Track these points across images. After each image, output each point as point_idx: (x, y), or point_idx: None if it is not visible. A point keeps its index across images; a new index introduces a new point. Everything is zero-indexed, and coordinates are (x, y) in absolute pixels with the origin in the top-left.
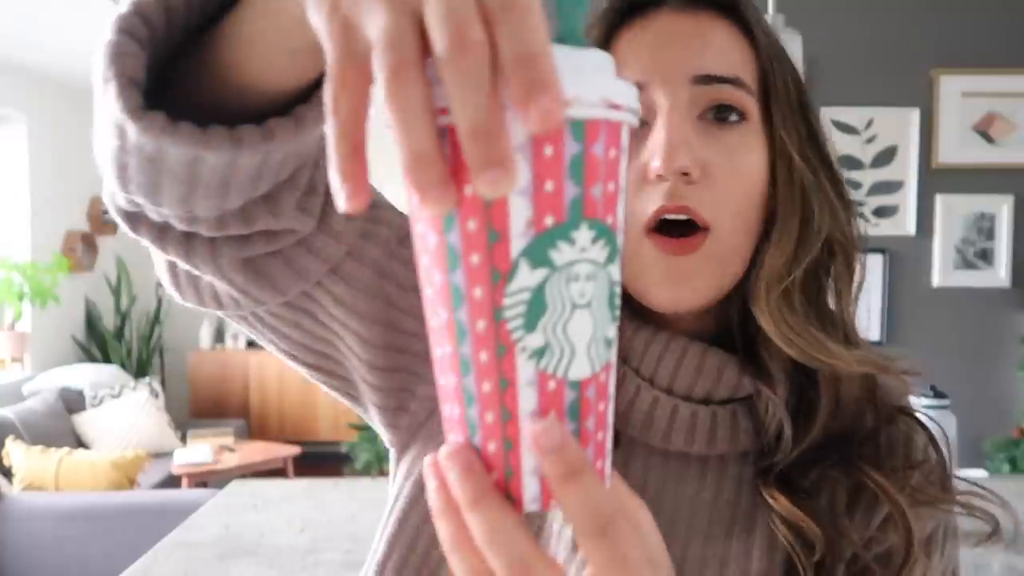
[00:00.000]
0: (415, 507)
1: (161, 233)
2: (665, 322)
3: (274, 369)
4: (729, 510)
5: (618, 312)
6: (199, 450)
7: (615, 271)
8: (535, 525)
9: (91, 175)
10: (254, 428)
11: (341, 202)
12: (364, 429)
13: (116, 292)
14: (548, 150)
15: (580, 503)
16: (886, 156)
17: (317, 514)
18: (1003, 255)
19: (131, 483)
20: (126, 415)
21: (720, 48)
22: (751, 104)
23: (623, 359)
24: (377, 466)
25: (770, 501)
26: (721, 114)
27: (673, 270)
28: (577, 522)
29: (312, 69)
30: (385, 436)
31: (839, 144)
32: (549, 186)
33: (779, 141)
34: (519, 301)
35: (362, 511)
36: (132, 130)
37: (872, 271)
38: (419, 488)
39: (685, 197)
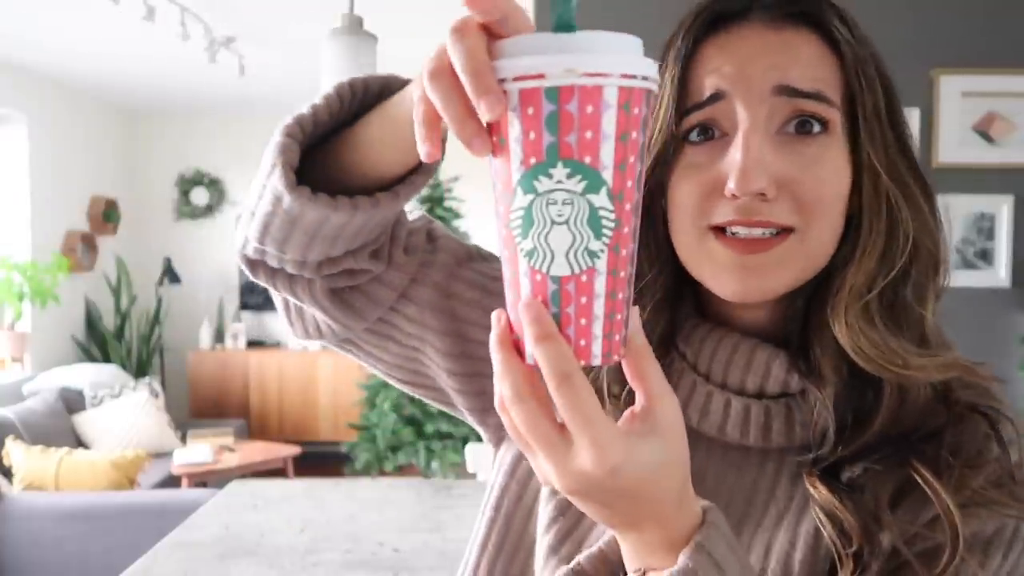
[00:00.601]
0: (506, 493)
1: (273, 275)
2: (724, 316)
3: (274, 369)
4: (783, 501)
5: (606, 231)
6: (199, 450)
7: (597, 199)
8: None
9: (91, 175)
10: (254, 428)
11: (422, 152)
12: (364, 429)
13: (116, 292)
14: (530, 110)
15: (547, 359)
16: None
17: (317, 514)
18: (1003, 255)
19: (131, 483)
20: (126, 415)
21: (804, 63)
22: (834, 115)
23: (681, 355)
24: (377, 466)
25: (810, 490)
26: (803, 127)
27: (747, 265)
28: (545, 373)
29: (412, 161)
30: (483, 435)
31: None
32: (532, 135)
33: (866, 158)
34: (517, 216)
35: (362, 511)
36: (287, 199)
37: None
38: (508, 477)
39: (759, 212)
